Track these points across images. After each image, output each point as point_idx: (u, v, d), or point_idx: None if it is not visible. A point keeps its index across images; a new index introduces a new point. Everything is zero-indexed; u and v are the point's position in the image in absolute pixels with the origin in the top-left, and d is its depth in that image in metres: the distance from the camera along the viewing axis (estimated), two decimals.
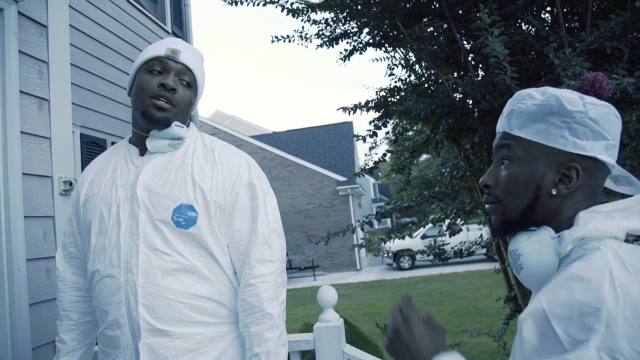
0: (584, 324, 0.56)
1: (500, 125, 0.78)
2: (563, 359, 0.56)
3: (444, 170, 3.65)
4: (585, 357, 0.54)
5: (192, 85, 1.21)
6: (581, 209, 0.70)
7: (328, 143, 20.34)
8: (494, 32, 1.86)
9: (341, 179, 16.99)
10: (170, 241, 1.09)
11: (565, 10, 2.90)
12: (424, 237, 12.58)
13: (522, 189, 0.73)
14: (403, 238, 3.29)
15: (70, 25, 2.82)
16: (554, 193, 0.71)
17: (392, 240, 3.24)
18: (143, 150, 1.20)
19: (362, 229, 3.12)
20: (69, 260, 1.31)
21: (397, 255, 14.94)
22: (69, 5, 2.85)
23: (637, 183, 0.74)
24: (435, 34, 2.70)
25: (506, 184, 0.74)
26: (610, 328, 0.55)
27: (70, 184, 1.89)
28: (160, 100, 1.14)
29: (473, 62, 3.03)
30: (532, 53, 2.57)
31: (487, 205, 0.78)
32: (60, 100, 1.88)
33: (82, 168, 3.01)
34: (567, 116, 0.70)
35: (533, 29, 2.74)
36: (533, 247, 0.71)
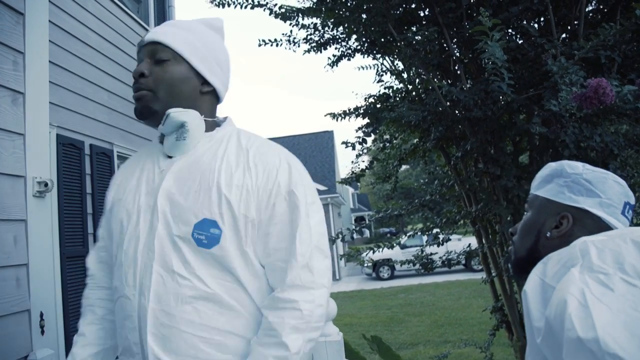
0: (564, 267, 0.70)
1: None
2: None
3: (437, 180, 3.62)
4: (569, 279, 0.66)
5: (174, 58, 1.00)
6: None
7: (309, 152, 20.28)
8: (494, 35, 1.81)
9: (322, 187, 16.92)
10: (190, 262, 0.93)
11: (555, 20, 2.90)
12: (403, 247, 12.59)
13: (528, 232, 0.92)
14: (392, 247, 3.24)
15: (48, 20, 2.68)
16: (548, 235, 0.88)
17: (381, 250, 3.18)
18: None
19: (343, 240, 3.07)
20: (99, 265, 1.14)
21: (376, 265, 14.89)
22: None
23: None
24: (429, 39, 2.65)
25: (520, 229, 0.95)
26: (584, 253, 0.70)
27: (46, 184, 1.74)
28: (135, 93, 1.01)
29: (459, 71, 3.00)
30: (529, 61, 2.55)
31: (508, 249, 0.97)
32: (37, 95, 1.74)
33: (58, 171, 2.84)
34: (567, 177, 0.90)
35: (531, 37, 2.73)
36: None
